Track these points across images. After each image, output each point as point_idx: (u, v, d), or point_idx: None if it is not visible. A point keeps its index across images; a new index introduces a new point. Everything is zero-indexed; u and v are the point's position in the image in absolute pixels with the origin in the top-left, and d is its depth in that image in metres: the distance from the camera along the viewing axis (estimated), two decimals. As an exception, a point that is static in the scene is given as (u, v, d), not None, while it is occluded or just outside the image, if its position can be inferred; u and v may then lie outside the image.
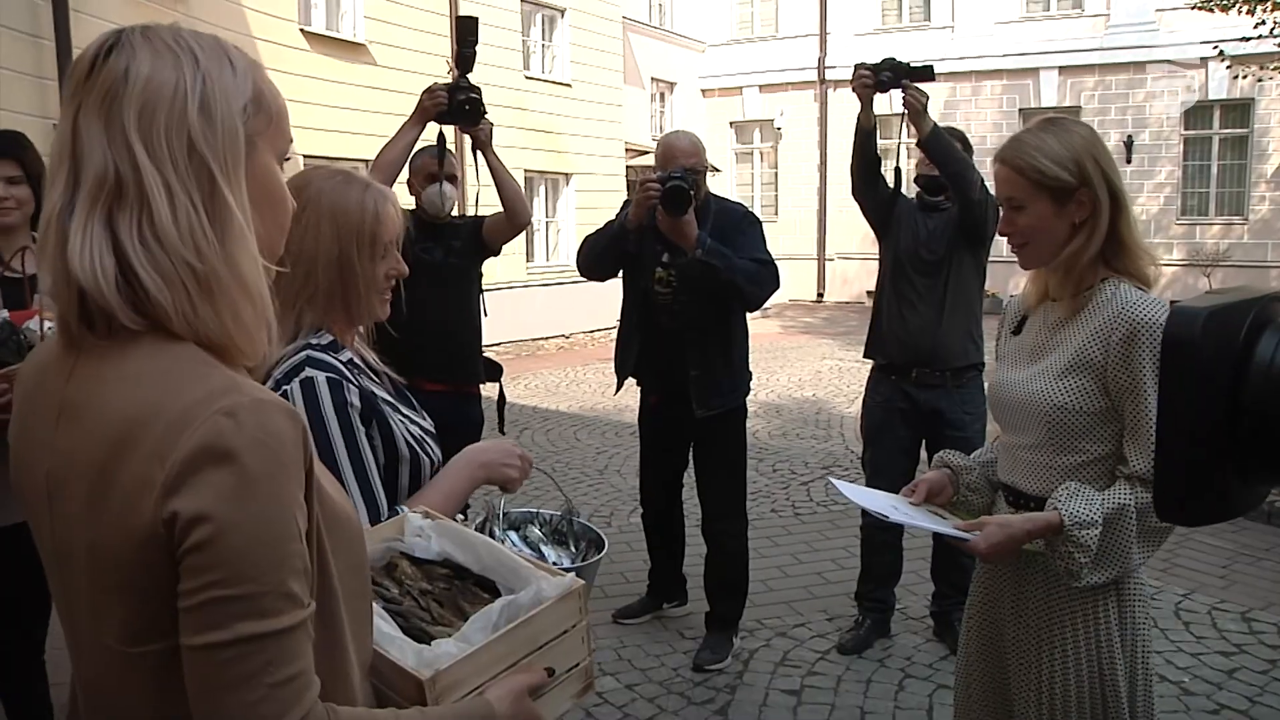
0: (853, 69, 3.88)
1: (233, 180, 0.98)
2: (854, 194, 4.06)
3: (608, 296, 4.19)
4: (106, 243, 0.94)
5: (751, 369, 4.07)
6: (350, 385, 1.67)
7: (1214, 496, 0.99)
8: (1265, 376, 0.93)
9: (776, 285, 3.81)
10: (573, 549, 1.87)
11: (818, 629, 4.19)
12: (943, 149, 3.74)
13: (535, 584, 1.33)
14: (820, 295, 19.85)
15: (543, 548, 1.85)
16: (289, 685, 0.94)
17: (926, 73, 3.75)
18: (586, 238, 4.02)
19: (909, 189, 4.17)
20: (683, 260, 3.69)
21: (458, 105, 3.70)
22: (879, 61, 3.81)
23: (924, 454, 3.98)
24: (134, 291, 0.95)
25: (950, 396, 3.86)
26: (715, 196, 3.94)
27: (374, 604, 1.25)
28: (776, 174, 20.61)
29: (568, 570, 1.68)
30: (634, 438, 4.38)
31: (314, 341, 1.71)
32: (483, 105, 3.72)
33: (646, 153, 16.42)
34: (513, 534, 1.86)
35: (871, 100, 3.83)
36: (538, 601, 1.30)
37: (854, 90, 3.85)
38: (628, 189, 15.89)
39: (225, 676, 0.92)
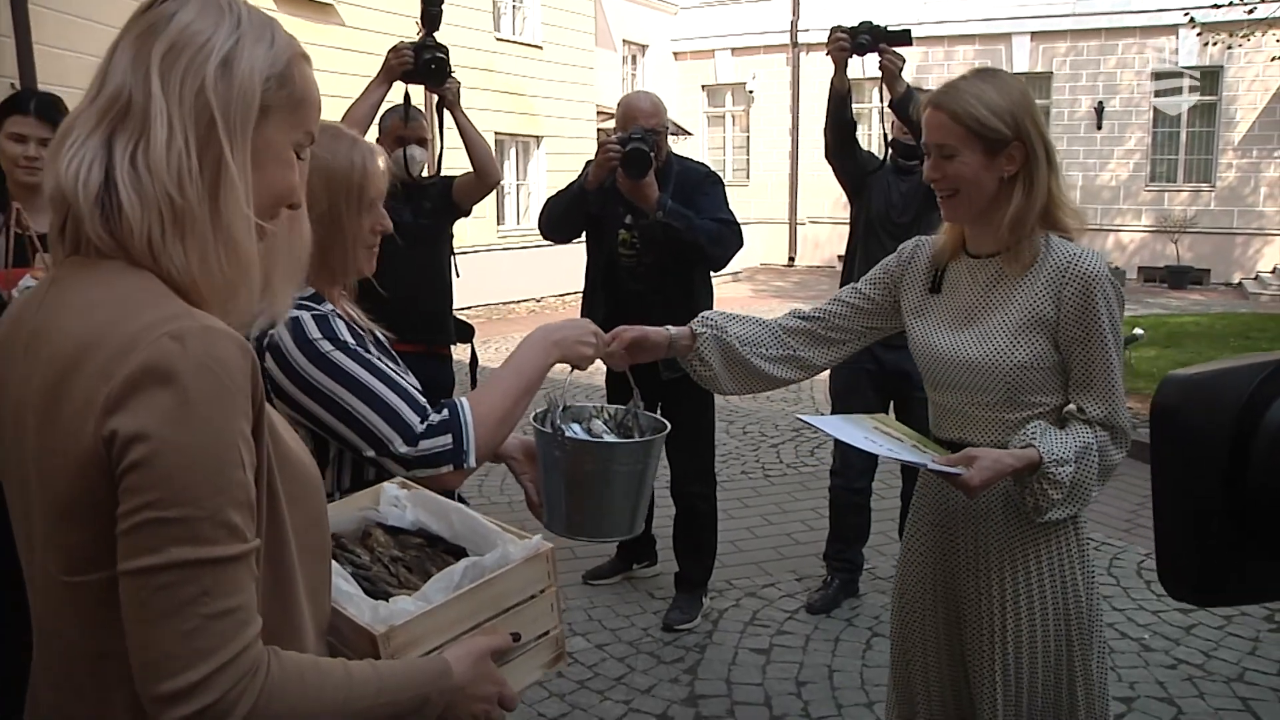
0: (829, 32, 3.86)
1: (235, 136, 1.01)
2: (827, 157, 4.06)
3: (578, 259, 4.18)
4: (100, 157, 0.98)
5: (722, 332, 4.07)
6: (340, 322, 1.68)
7: (1235, 577, 0.88)
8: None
9: (740, 244, 3.80)
10: (637, 437, 1.91)
11: (787, 589, 4.23)
12: (914, 113, 3.73)
13: (502, 546, 1.31)
14: (791, 259, 19.87)
15: (606, 438, 1.89)
16: (226, 618, 0.92)
17: (904, 36, 3.74)
18: (548, 200, 4.01)
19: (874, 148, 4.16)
20: (644, 222, 3.68)
21: (424, 64, 3.66)
22: (856, 25, 3.80)
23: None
24: (110, 207, 0.97)
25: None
26: (678, 157, 3.92)
27: (339, 566, 1.26)
28: (748, 138, 20.54)
29: (634, 443, 1.80)
30: (604, 400, 4.38)
31: (297, 295, 1.71)
32: (449, 64, 3.68)
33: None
34: (575, 425, 1.91)
35: (846, 64, 3.82)
36: (502, 563, 1.27)
37: (829, 53, 3.82)
38: (598, 151, 15.80)
39: (158, 603, 0.91)
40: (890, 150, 4.03)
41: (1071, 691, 1.98)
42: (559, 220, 3.94)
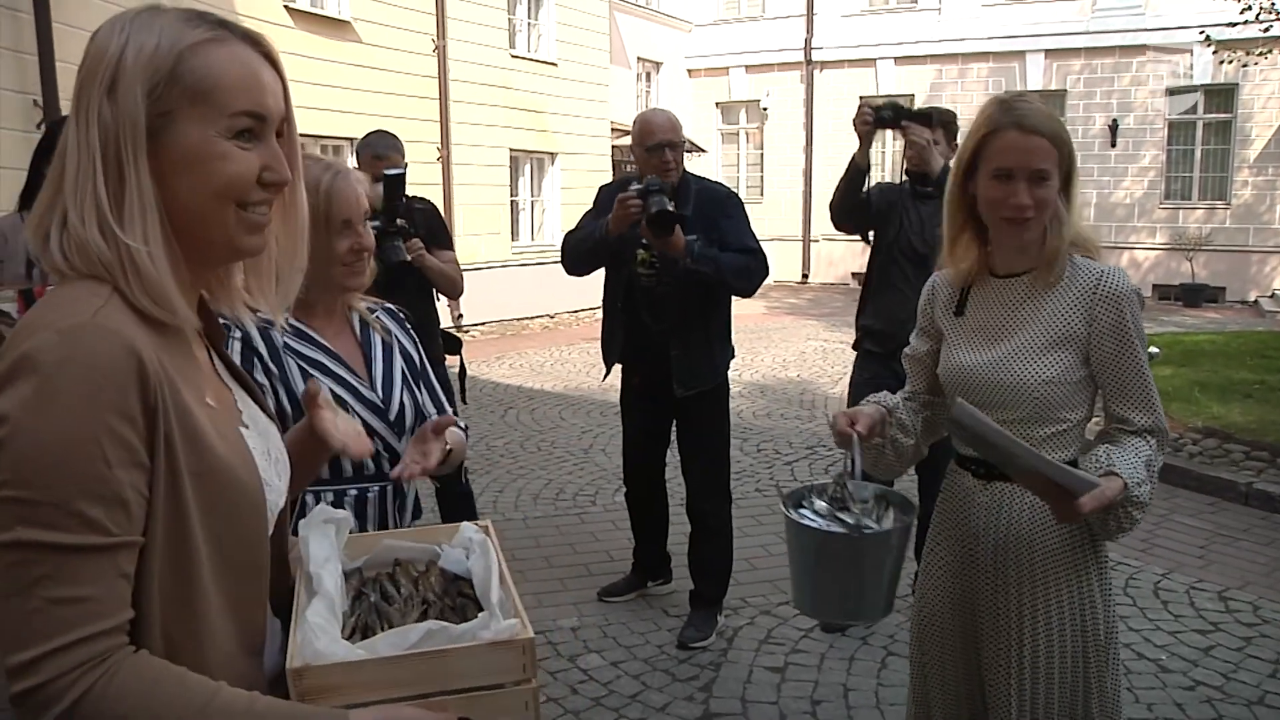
0: (858, 107, 3.89)
1: (132, 156, 1.04)
2: (834, 224, 4.05)
3: (593, 278, 4.20)
4: (49, 213, 1.06)
5: (736, 349, 4.09)
6: (240, 330, 1.81)
7: None
8: None
9: (766, 273, 3.83)
10: (855, 510, 1.89)
11: (820, 629, 4.15)
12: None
13: (482, 619, 1.19)
14: (805, 276, 19.86)
15: (839, 514, 1.87)
16: (69, 605, 0.94)
17: (924, 116, 3.81)
18: (567, 236, 4.02)
19: (880, 174, 4.17)
20: (674, 270, 3.71)
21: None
22: (881, 102, 3.86)
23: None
24: (55, 241, 1.06)
25: None
26: (694, 176, 3.92)
27: (332, 590, 1.23)
28: (762, 155, 20.57)
29: (883, 532, 1.79)
30: (617, 417, 4.40)
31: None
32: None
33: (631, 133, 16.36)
34: (803, 510, 1.90)
35: (870, 140, 3.85)
36: (469, 637, 1.15)
37: (855, 127, 3.84)
38: (613, 169, 15.84)
39: (7, 580, 0.94)
40: (906, 178, 4.04)
41: (1087, 710, 1.98)
42: (583, 261, 3.96)
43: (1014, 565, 2.00)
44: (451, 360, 4.29)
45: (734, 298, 3.92)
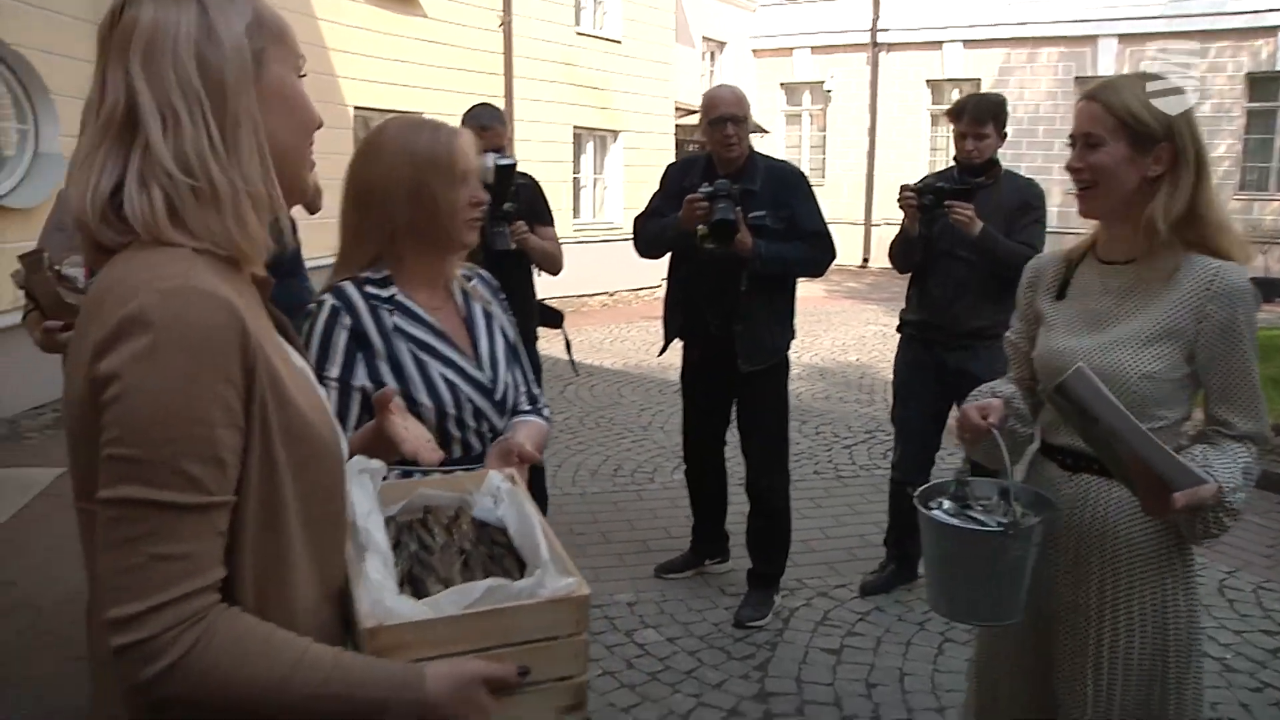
0: (899, 190, 3.99)
1: (244, 94, 1.08)
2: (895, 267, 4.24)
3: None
4: (110, 167, 1.05)
5: (795, 330, 4.09)
6: (350, 317, 1.81)
7: None
8: None
9: (833, 256, 3.89)
10: (978, 508, 1.91)
11: (858, 591, 4.20)
12: (989, 248, 3.81)
13: (539, 576, 1.23)
14: (865, 261, 19.66)
15: (966, 513, 1.90)
16: (171, 562, 0.97)
17: (965, 194, 3.83)
18: (640, 223, 4.08)
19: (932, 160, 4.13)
20: (750, 278, 3.76)
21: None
22: (921, 184, 3.93)
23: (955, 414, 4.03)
24: (119, 210, 1.04)
25: (979, 357, 3.91)
26: (761, 155, 3.92)
27: (390, 549, 1.27)
28: (825, 137, 20.34)
29: (1020, 530, 1.78)
30: (676, 395, 4.42)
31: (365, 275, 1.86)
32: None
33: (695, 112, 16.24)
34: (932, 510, 1.92)
35: (917, 217, 3.93)
36: (528, 595, 1.20)
37: (900, 206, 3.96)
38: (676, 148, 15.77)
39: (111, 534, 0.97)
40: (955, 166, 4.05)
41: (1164, 711, 1.92)
42: (655, 248, 4.05)
43: (1096, 559, 1.95)
44: (554, 333, 4.32)
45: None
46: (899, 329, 4.26)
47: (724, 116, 3.73)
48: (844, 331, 11.39)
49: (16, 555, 4.31)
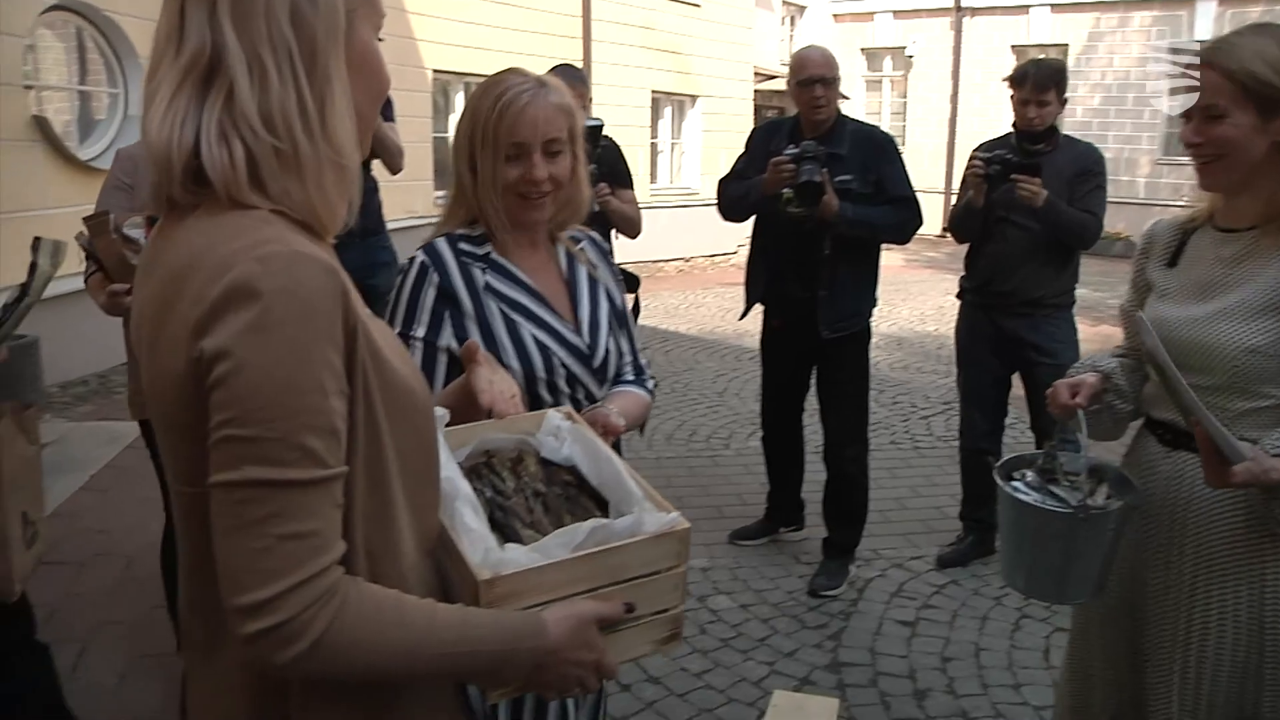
0: (968, 158, 3.89)
1: (334, 54, 1.02)
2: (955, 240, 4.19)
3: (729, 223, 4.19)
4: (191, 116, 0.98)
5: (878, 297, 4.05)
6: (439, 274, 1.76)
7: None
8: None
9: (920, 222, 3.85)
10: (1065, 484, 1.88)
11: (934, 563, 4.15)
12: (1054, 219, 3.74)
13: (638, 514, 1.24)
14: (945, 230, 19.25)
15: (1049, 487, 1.88)
16: (299, 541, 0.94)
17: (1034, 168, 3.70)
18: (724, 186, 4.04)
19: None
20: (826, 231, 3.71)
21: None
22: (989, 154, 3.80)
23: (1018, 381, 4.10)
24: (200, 164, 0.98)
25: (1038, 325, 3.88)
26: (849, 118, 3.87)
27: (474, 495, 1.25)
28: (905, 104, 19.87)
29: (1104, 513, 1.75)
30: (753, 362, 4.38)
31: (461, 231, 1.82)
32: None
33: (775, 77, 16.02)
34: (1014, 483, 1.90)
35: (984, 189, 3.82)
36: (632, 532, 1.21)
37: (966, 176, 3.86)
38: (755, 114, 15.58)
39: (232, 519, 0.93)
40: (1013, 132, 3.94)
41: (1258, 708, 1.82)
42: (740, 211, 4.01)
43: (1191, 542, 1.85)
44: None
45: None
46: (959, 295, 4.22)
47: (813, 78, 3.69)
48: (922, 301, 11.20)
49: (107, 505, 4.47)
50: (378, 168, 4.17)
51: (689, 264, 14.08)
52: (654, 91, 13.89)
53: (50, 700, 2.44)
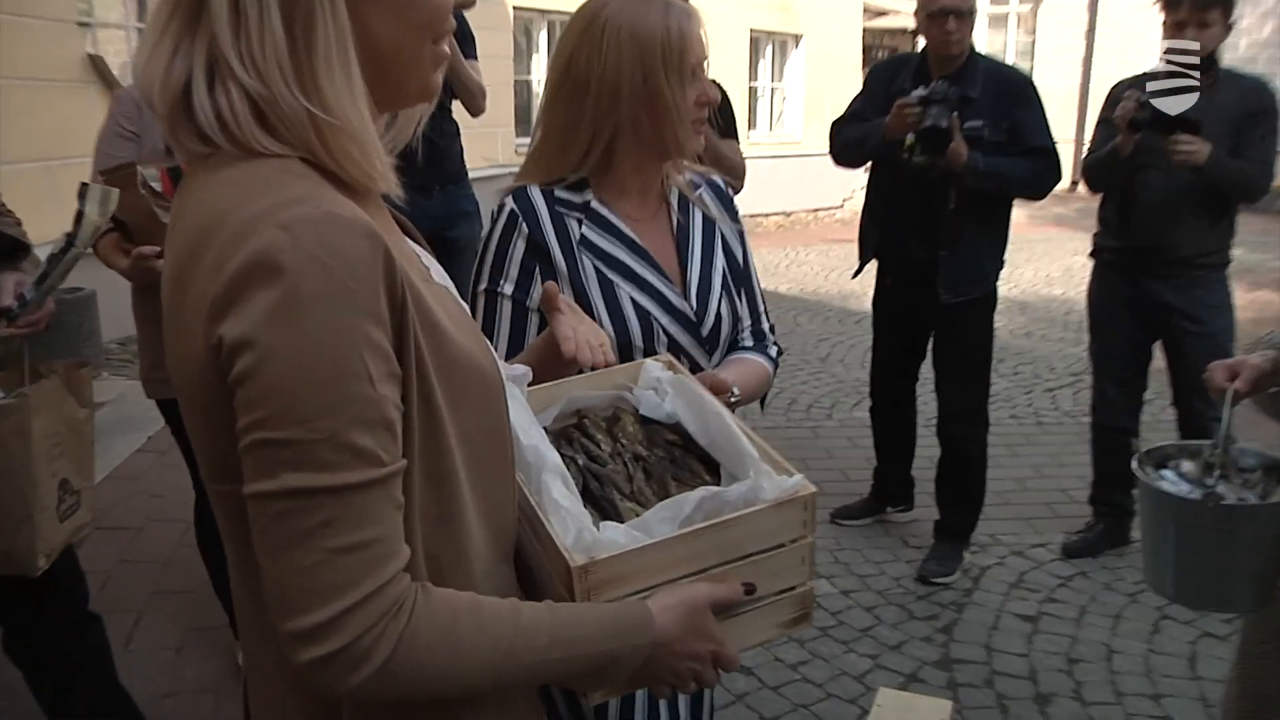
0: (1122, 99, 3.43)
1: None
2: (1088, 187, 3.80)
3: (835, 175, 3.91)
4: (183, 55, 0.87)
5: (1005, 259, 3.76)
6: (529, 225, 1.60)
7: None
8: None
9: (1059, 177, 3.55)
10: (1236, 481, 1.74)
11: (1059, 552, 3.87)
12: (1217, 177, 3.35)
13: (754, 479, 1.10)
14: (1075, 183, 18.27)
15: (1208, 482, 1.73)
16: (356, 552, 0.83)
17: (1192, 125, 3.26)
18: (836, 126, 3.80)
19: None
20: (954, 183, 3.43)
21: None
22: (1143, 100, 3.32)
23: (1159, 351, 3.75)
24: (188, 110, 0.87)
25: (1186, 288, 3.53)
26: (983, 57, 3.58)
27: (566, 464, 1.14)
28: (1033, 42, 18.82)
29: (1263, 506, 1.60)
30: (858, 325, 4.11)
31: (556, 176, 1.65)
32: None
33: (886, 14, 15.31)
34: (1166, 473, 1.78)
35: (1133, 139, 3.40)
36: (749, 502, 1.07)
37: (1117, 120, 3.42)
38: (864, 54, 14.92)
39: (277, 532, 0.82)
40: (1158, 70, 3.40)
41: None
42: (857, 156, 3.76)
43: None
44: None
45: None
46: (1092, 254, 3.88)
47: (945, 9, 3.39)
48: (1048, 262, 10.65)
49: (164, 470, 4.43)
50: (458, 110, 3.96)
51: (789, 219, 13.63)
52: (753, 30, 13.27)
53: (103, 680, 2.37)
